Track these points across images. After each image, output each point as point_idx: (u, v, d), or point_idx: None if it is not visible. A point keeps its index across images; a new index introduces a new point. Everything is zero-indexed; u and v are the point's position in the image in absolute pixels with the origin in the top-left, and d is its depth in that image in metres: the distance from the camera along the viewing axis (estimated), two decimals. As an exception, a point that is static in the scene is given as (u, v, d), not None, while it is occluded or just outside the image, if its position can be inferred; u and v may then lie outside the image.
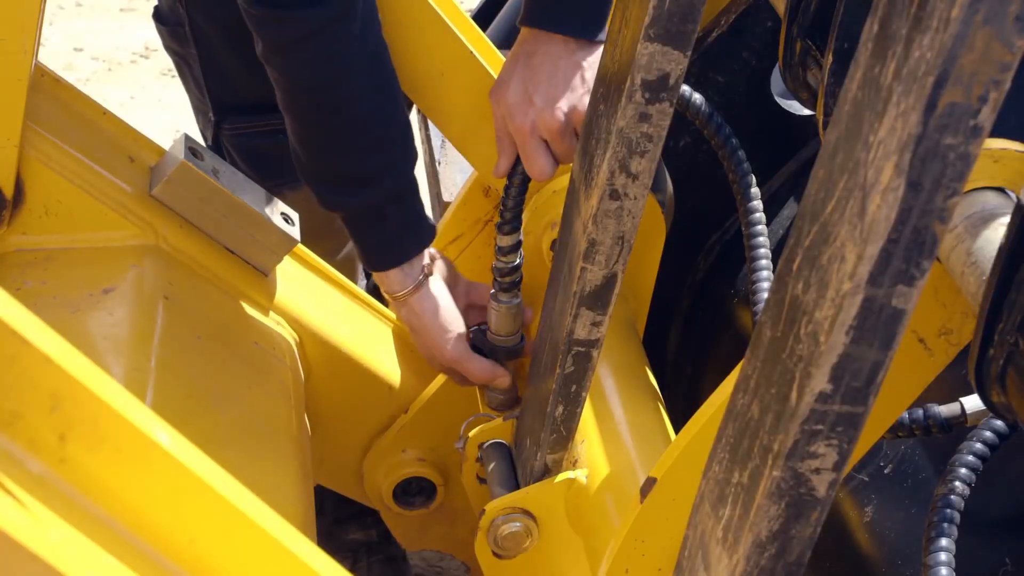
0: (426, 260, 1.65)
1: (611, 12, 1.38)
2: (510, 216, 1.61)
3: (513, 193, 1.61)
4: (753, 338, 0.95)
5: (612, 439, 1.60)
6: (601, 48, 1.51)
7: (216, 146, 2.03)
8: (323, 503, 2.09)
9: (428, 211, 1.72)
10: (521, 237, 1.63)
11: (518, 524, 1.56)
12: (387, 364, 1.89)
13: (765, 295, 1.50)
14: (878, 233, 0.78)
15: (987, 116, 0.74)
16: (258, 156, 1.89)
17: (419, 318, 1.65)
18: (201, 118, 2.07)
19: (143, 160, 1.72)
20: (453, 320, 1.66)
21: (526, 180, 1.61)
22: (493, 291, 1.66)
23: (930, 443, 1.55)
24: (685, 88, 1.58)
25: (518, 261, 1.64)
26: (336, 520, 2.19)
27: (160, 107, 4.28)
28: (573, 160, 1.50)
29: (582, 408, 1.50)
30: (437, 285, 1.65)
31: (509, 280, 1.64)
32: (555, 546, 1.58)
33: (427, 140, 2.51)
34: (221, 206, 1.70)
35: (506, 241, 1.61)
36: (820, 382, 0.84)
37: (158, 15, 2.02)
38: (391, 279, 1.64)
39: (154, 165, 1.72)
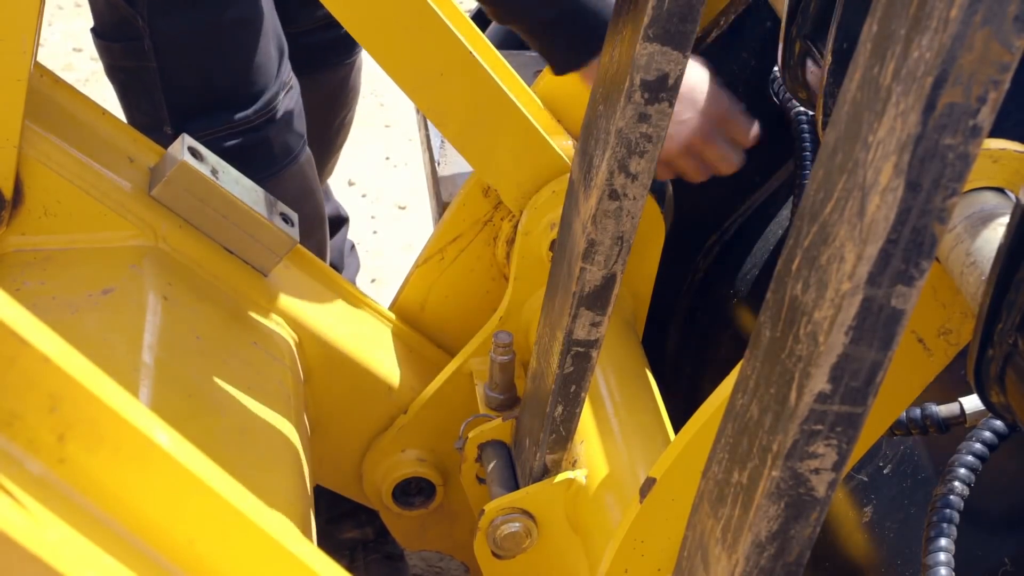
0: None
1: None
2: None
3: None
4: (752, 338, 0.95)
5: (611, 439, 1.60)
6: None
7: None
8: (318, 501, 2.09)
9: (428, 213, 1.73)
10: None
11: (517, 524, 1.56)
12: (386, 364, 1.89)
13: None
14: (877, 233, 0.78)
15: (986, 116, 0.74)
16: (226, 159, 1.89)
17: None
18: (153, 136, 2.04)
19: (142, 160, 1.72)
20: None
21: None
22: None
23: (930, 443, 1.55)
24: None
25: None
26: (330, 519, 2.19)
27: (160, 107, 4.27)
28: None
29: (581, 408, 1.50)
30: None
31: None
32: (554, 546, 1.58)
33: (427, 140, 2.51)
34: (220, 206, 1.70)
35: None
36: (819, 382, 0.84)
37: (103, 35, 2.00)
38: None
39: (153, 165, 1.72)
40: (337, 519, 2.21)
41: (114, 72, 2.01)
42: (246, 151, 1.97)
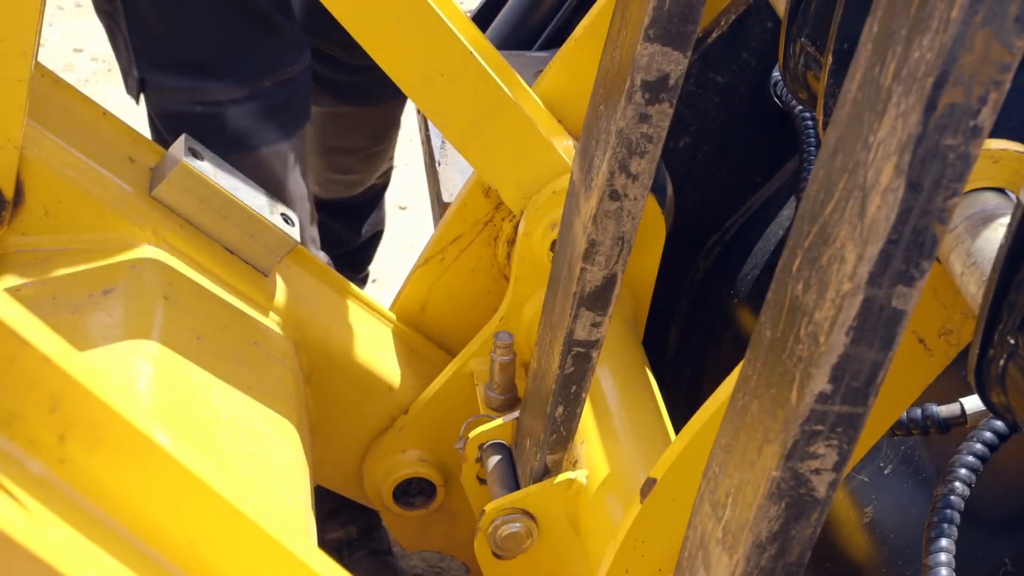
0: None
1: (612, 13, 1.38)
2: None
3: None
4: (753, 338, 0.95)
5: (612, 439, 1.60)
6: None
7: (150, 121, 2.04)
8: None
9: (428, 213, 1.73)
10: None
11: (518, 525, 1.56)
12: (387, 364, 1.89)
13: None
14: (878, 234, 0.78)
15: (987, 116, 0.74)
16: (184, 128, 1.89)
17: None
18: (130, 81, 2.06)
19: (143, 161, 1.72)
20: None
21: None
22: None
23: (931, 443, 1.55)
24: None
25: None
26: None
27: (160, 107, 4.27)
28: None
29: (582, 409, 1.50)
30: None
31: None
32: (555, 547, 1.58)
33: (427, 140, 2.51)
34: (221, 206, 1.70)
35: None
36: (820, 382, 0.84)
37: None
38: None
39: (154, 166, 1.72)
40: (319, 521, 2.21)
41: (100, 15, 2.06)
42: (201, 121, 1.95)
